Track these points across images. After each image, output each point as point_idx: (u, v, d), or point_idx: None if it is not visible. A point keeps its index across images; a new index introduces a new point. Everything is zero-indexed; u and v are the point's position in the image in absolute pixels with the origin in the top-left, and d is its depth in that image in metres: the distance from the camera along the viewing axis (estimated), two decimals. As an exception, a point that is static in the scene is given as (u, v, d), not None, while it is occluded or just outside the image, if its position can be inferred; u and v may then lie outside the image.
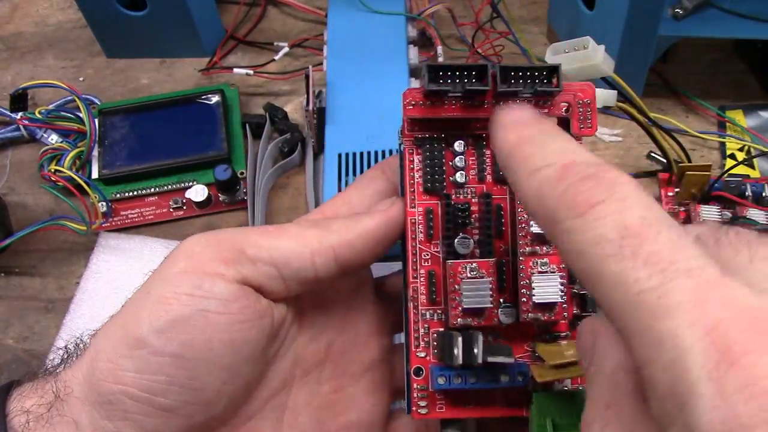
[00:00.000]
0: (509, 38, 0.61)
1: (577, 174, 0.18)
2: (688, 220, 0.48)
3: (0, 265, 0.55)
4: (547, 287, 0.26)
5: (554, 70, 0.25)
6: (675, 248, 0.16)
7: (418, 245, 0.27)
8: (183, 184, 0.57)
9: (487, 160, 0.27)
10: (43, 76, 0.68)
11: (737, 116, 0.57)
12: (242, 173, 0.56)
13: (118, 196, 0.57)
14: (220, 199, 0.56)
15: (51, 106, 0.62)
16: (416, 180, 0.27)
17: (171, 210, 0.56)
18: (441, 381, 0.26)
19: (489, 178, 0.26)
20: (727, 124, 0.57)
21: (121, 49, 0.68)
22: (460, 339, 0.25)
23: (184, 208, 0.56)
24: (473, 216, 0.27)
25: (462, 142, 0.27)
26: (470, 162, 0.27)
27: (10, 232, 0.55)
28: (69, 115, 0.60)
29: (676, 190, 0.49)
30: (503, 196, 0.26)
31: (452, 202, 0.27)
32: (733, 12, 0.53)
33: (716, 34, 0.54)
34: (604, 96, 0.43)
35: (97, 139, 0.58)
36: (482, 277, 0.25)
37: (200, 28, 0.65)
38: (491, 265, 0.26)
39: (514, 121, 0.21)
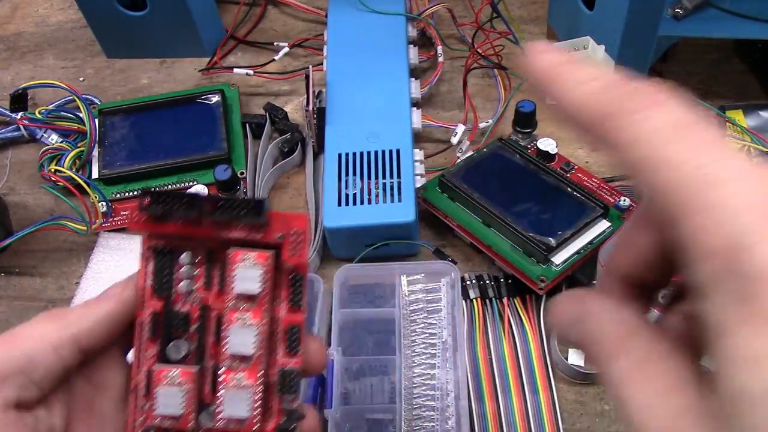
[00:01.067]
0: (509, 38, 0.61)
1: (626, 87, 0.20)
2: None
3: (0, 265, 0.55)
4: (237, 402, 0.28)
5: (259, 204, 0.27)
6: (720, 137, 0.18)
7: (143, 343, 0.29)
8: (183, 184, 0.57)
9: (214, 273, 0.29)
10: (43, 76, 0.68)
11: (737, 116, 0.57)
12: (242, 173, 0.56)
13: (118, 196, 0.57)
14: (220, 199, 0.56)
15: (51, 106, 0.62)
16: (147, 284, 0.29)
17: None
18: None
19: (215, 289, 0.28)
20: (727, 124, 0.57)
21: (121, 49, 0.68)
22: None
23: (184, 208, 0.56)
24: (193, 324, 0.29)
25: (189, 253, 0.29)
26: (199, 272, 0.29)
27: (10, 232, 0.55)
28: (69, 115, 0.60)
29: (676, 190, 0.49)
30: (225, 306, 0.28)
31: (171, 308, 0.29)
32: (733, 12, 0.53)
33: (716, 34, 0.54)
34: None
35: (97, 139, 0.58)
36: (180, 385, 0.28)
37: (200, 28, 0.65)
38: (192, 374, 0.28)
39: (546, 49, 0.22)
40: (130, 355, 0.30)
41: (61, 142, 0.59)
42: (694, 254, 0.18)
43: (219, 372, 0.28)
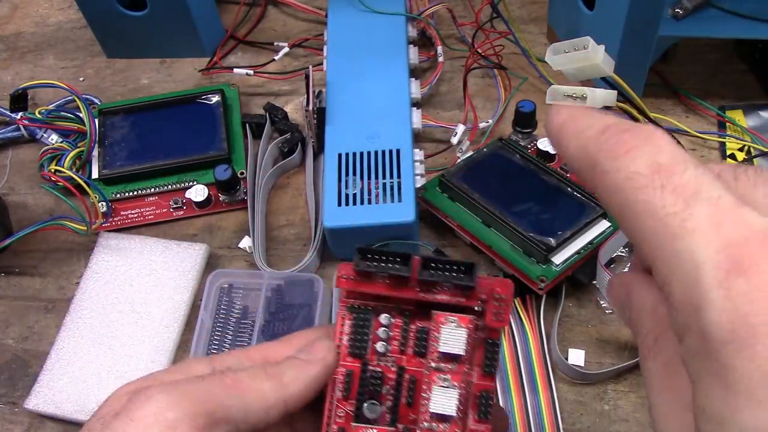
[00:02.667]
0: (509, 38, 0.61)
1: (617, 129, 0.21)
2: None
3: (0, 265, 0.55)
4: None
5: (471, 267, 0.27)
6: (699, 182, 0.18)
7: (335, 402, 0.29)
8: (183, 184, 0.57)
9: (411, 335, 0.29)
10: (43, 76, 0.68)
11: (737, 116, 0.57)
12: (242, 173, 0.56)
13: (118, 196, 0.57)
14: (220, 199, 0.56)
15: (51, 106, 0.62)
16: (344, 342, 0.29)
17: (171, 210, 0.56)
18: None
19: (410, 351, 0.29)
20: (727, 124, 0.57)
21: (121, 49, 0.68)
22: None
23: (184, 208, 0.56)
24: (388, 384, 0.29)
25: (388, 315, 0.29)
26: (394, 334, 0.29)
27: (10, 232, 0.55)
28: (69, 115, 0.60)
29: (676, 190, 0.49)
30: (419, 369, 0.28)
31: (368, 368, 0.29)
32: (733, 12, 0.53)
33: (716, 34, 0.54)
34: (604, 96, 0.43)
35: (97, 139, 0.58)
36: None
37: (200, 28, 0.65)
38: None
39: (560, 108, 0.25)
40: None
41: (61, 142, 0.59)
42: (668, 301, 0.18)
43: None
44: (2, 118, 0.63)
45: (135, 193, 0.57)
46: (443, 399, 0.28)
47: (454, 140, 0.55)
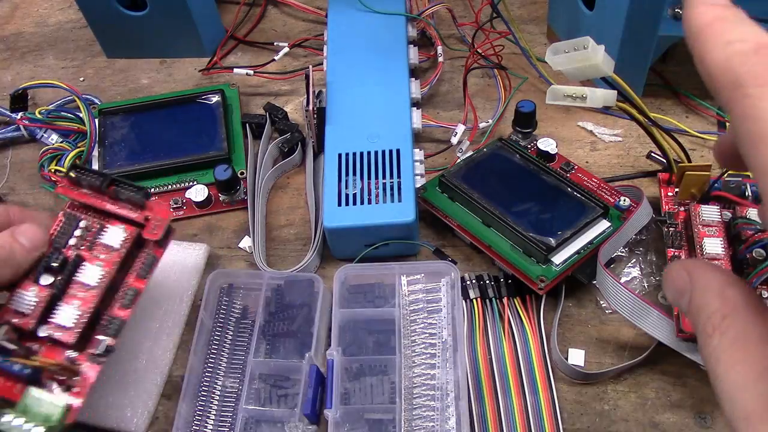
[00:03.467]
0: (509, 38, 0.61)
1: None
2: (688, 220, 0.48)
3: (0, 265, 0.55)
4: (67, 316, 0.41)
5: (146, 192, 0.44)
6: None
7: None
8: (183, 184, 0.57)
9: (89, 234, 0.43)
10: (43, 76, 0.68)
11: (737, 116, 0.57)
12: (242, 173, 0.56)
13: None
14: (220, 199, 0.56)
15: (51, 106, 0.62)
16: (53, 233, 0.44)
17: (171, 210, 0.56)
18: None
19: (87, 245, 0.43)
20: (727, 123, 0.57)
21: (121, 49, 0.68)
22: None
23: (184, 208, 0.56)
24: (65, 262, 0.43)
25: (86, 221, 0.44)
26: (82, 233, 0.44)
27: (10, 232, 0.55)
28: (69, 115, 0.60)
29: (676, 190, 0.49)
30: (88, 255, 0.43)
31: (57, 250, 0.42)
32: (733, 12, 0.53)
33: (716, 34, 0.54)
34: (604, 96, 0.43)
35: (97, 139, 0.58)
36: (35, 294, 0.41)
37: (200, 28, 0.65)
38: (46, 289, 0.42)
39: (708, 2, 0.22)
40: None
41: (61, 142, 0.59)
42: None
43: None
44: (2, 118, 0.63)
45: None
46: (91, 272, 0.41)
47: (454, 140, 0.55)
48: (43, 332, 0.40)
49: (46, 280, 0.41)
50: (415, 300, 0.48)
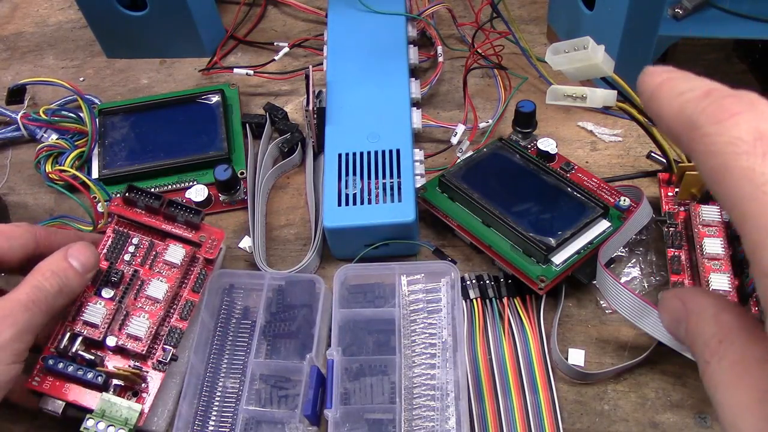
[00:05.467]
0: (509, 38, 0.61)
1: (720, 93, 0.21)
2: (688, 220, 0.48)
3: (0, 265, 0.55)
4: (138, 327, 0.46)
5: (199, 212, 0.48)
6: None
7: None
8: (183, 184, 0.57)
9: (149, 253, 0.48)
10: (43, 76, 0.68)
11: (737, 116, 0.57)
12: (242, 173, 0.56)
13: (118, 196, 0.57)
14: (220, 199, 0.56)
15: (53, 105, 0.62)
16: (103, 251, 0.48)
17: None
18: None
19: (147, 265, 0.48)
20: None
21: (121, 49, 0.68)
22: None
23: (184, 208, 0.56)
24: (124, 283, 0.47)
25: (138, 237, 0.48)
26: (139, 251, 0.49)
27: (10, 232, 0.55)
28: (70, 114, 0.60)
29: (676, 190, 0.49)
30: (148, 275, 0.47)
31: (112, 268, 0.47)
32: (733, 12, 0.53)
33: (716, 34, 0.54)
34: (604, 96, 0.43)
35: (97, 138, 0.58)
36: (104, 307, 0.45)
37: (200, 28, 0.65)
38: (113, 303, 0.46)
39: (657, 70, 0.24)
40: None
41: (57, 139, 0.59)
42: (754, 267, 0.19)
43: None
44: (2, 118, 0.63)
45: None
46: (157, 287, 0.45)
47: (454, 140, 0.55)
48: (111, 342, 0.43)
49: (108, 293, 0.44)
50: (415, 300, 0.48)
